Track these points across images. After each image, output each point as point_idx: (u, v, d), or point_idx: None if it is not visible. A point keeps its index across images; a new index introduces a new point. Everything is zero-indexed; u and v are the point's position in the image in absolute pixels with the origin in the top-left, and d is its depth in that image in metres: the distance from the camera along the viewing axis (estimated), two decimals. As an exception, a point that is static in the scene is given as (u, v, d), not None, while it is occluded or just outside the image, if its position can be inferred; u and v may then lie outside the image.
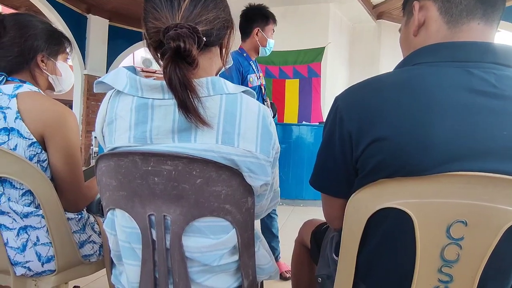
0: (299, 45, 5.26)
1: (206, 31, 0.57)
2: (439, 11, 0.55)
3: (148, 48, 0.61)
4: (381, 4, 5.53)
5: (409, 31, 0.61)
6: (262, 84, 1.80)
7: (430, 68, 0.52)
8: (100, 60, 6.66)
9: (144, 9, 0.60)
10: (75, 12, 6.17)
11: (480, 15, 0.53)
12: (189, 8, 0.56)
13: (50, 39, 0.89)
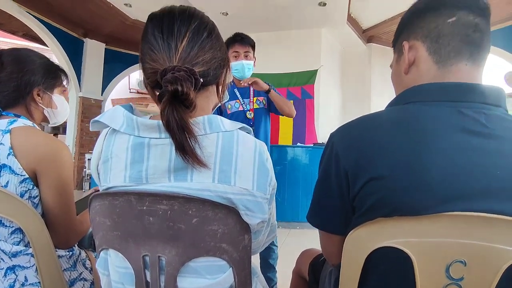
0: (292, 68, 5.39)
1: (203, 71, 0.58)
2: (428, 52, 0.57)
3: (146, 87, 0.62)
4: (370, 29, 5.74)
5: (400, 68, 0.62)
6: (251, 109, 1.82)
7: (423, 107, 0.53)
8: (96, 82, 6.71)
9: (141, 50, 0.61)
10: (72, 36, 6.27)
11: (467, 56, 0.55)
12: (186, 50, 0.57)
13: (47, 73, 0.89)
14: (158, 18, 0.60)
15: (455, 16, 0.55)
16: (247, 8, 4.81)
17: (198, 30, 0.59)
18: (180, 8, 0.62)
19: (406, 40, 0.61)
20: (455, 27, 0.55)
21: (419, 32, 0.58)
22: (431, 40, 0.57)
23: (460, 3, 0.55)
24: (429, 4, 0.59)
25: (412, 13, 0.62)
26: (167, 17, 0.59)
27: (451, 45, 0.55)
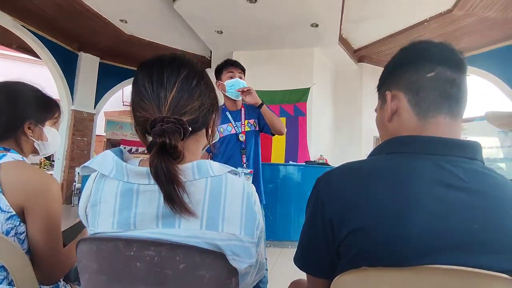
0: (285, 86, 5.48)
1: (192, 119, 0.59)
2: (409, 103, 0.60)
3: (136, 132, 0.63)
4: (361, 49, 5.90)
5: (384, 115, 0.65)
6: (243, 132, 1.86)
7: (403, 159, 0.55)
8: (89, 96, 6.70)
9: (132, 99, 0.62)
10: (66, 49, 6.28)
11: (446, 110, 0.57)
12: (175, 99, 0.58)
13: (39, 107, 0.90)
14: (148, 67, 0.61)
15: (434, 71, 0.58)
16: (242, 27, 4.92)
17: (187, 79, 0.61)
18: (169, 56, 0.63)
19: (389, 90, 0.63)
20: (434, 82, 0.58)
21: (401, 83, 0.61)
22: (412, 93, 0.59)
23: (438, 59, 0.58)
24: (410, 58, 0.62)
25: (394, 64, 0.66)
26: (156, 66, 0.61)
27: (430, 99, 0.58)
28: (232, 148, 1.84)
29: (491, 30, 4.85)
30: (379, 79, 0.70)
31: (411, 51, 0.63)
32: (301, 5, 4.21)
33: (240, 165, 1.82)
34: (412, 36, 5.20)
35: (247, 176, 1.81)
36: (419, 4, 4.38)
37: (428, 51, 0.60)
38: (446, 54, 0.59)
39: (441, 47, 0.60)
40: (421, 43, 0.63)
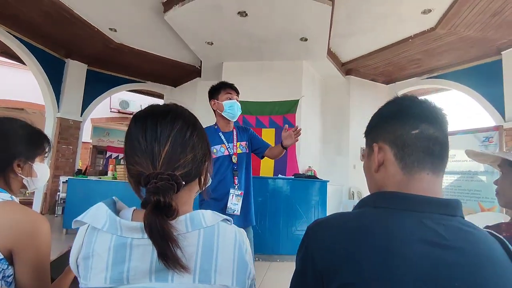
0: (274, 97, 5.54)
1: (186, 172, 0.60)
2: (395, 157, 0.63)
3: (129, 181, 0.64)
4: (349, 62, 6.04)
5: (371, 165, 0.67)
6: (235, 154, 1.88)
7: (389, 215, 0.57)
8: (75, 103, 6.59)
9: (125, 151, 0.63)
10: (53, 56, 6.19)
11: (429, 166, 0.60)
12: (169, 154, 0.59)
13: (29, 144, 0.89)
14: (141, 121, 0.63)
15: (418, 128, 0.61)
16: (232, 39, 4.97)
17: (180, 132, 0.62)
18: (163, 109, 0.65)
19: (376, 142, 0.66)
20: (418, 139, 0.61)
21: (387, 136, 0.64)
22: (398, 147, 0.62)
23: (422, 117, 0.62)
24: (396, 112, 0.65)
25: (381, 116, 0.69)
26: (150, 119, 0.62)
27: (414, 155, 0.61)
28: (225, 170, 1.86)
29: (471, 48, 5.07)
30: (366, 127, 0.73)
31: (397, 105, 0.67)
32: (291, 20, 4.29)
33: (232, 186, 1.84)
34: (398, 52, 5.38)
35: (238, 197, 1.82)
36: (404, 22, 4.54)
37: (412, 108, 0.64)
38: (430, 112, 0.62)
39: (425, 105, 0.64)
40: (406, 99, 0.66)
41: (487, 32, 4.54)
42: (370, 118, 0.75)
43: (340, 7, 4.14)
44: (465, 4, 3.93)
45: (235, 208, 1.82)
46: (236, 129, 2.01)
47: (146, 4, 4.46)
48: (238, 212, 1.84)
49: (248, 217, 1.92)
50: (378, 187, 0.65)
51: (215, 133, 1.95)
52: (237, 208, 1.83)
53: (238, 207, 1.83)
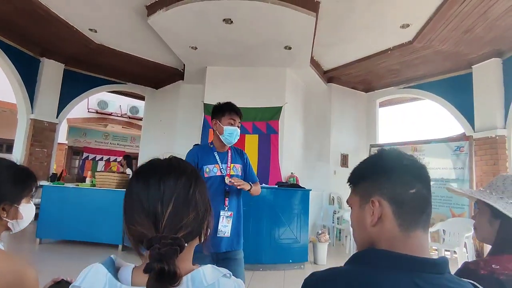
0: (258, 103, 5.57)
1: (187, 233, 0.60)
2: (393, 214, 0.64)
3: (128, 238, 0.63)
4: (330, 71, 6.19)
5: (365, 216, 0.68)
6: (228, 175, 1.89)
7: (383, 275, 0.59)
8: (51, 104, 6.32)
9: (125, 209, 0.61)
10: (27, 55, 5.90)
11: (422, 225, 0.64)
12: (172, 215, 0.58)
13: (15, 186, 0.85)
14: (144, 179, 0.61)
15: (415, 188, 0.64)
16: (217, 45, 4.96)
17: (184, 189, 0.62)
18: (166, 166, 0.64)
19: (372, 195, 0.67)
20: (415, 198, 0.63)
21: (385, 192, 0.65)
22: (396, 204, 0.64)
23: (418, 177, 0.65)
24: (393, 169, 0.66)
25: (375, 169, 0.69)
26: (153, 178, 0.61)
27: (412, 214, 0.63)
28: (216, 190, 1.85)
29: (445, 61, 5.34)
30: (354, 175, 0.74)
31: (393, 162, 0.67)
32: (276, 29, 4.35)
33: (222, 208, 1.84)
34: (377, 62, 5.58)
35: (228, 219, 1.83)
36: (384, 35, 4.71)
37: (409, 166, 0.66)
38: (422, 172, 0.66)
39: (417, 164, 0.67)
40: (400, 157, 0.68)
41: (460, 47, 4.81)
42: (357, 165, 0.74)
43: (323, 18, 4.24)
44: (440, 21, 4.14)
45: (225, 230, 1.82)
46: (231, 150, 2.00)
47: (129, 6, 4.37)
48: (228, 234, 1.83)
49: (239, 239, 1.91)
50: (371, 240, 0.67)
51: (210, 152, 1.94)
52: (227, 230, 1.83)
53: (228, 229, 1.83)
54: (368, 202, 0.67)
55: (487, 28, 4.23)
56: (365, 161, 0.73)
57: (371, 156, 0.72)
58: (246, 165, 2.02)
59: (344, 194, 6.38)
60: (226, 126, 1.89)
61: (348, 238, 5.03)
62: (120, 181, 4.38)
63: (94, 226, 4.22)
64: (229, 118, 1.90)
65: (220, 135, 1.89)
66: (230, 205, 1.86)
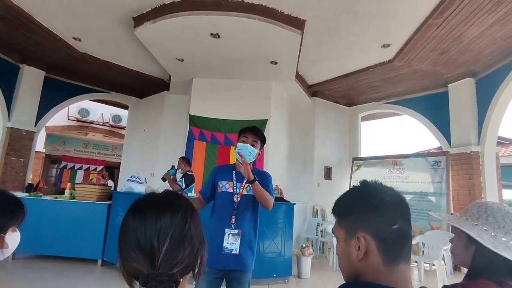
0: (244, 115, 5.61)
1: (182, 269, 0.60)
2: (378, 249, 0.66)
3: (122, 274, 0.63)
4: (315, 85, 6.34)
5: (351, 250, 0.70)
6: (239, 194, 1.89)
7: None
8: (30, 112, 6.11)
9: (120, 244, 0.62)
10: (5, 61, 5.72)
11: (404, 258, 0.66)
12: (168, 252, 0.58)
13: (3, 215, 0.83)
14: (140, 214, 0.62)
15: (397, 223, 0.66)
16: (203, 58, 4.99)
17: (179, 225, 0.62)
18: (162, 201, 0.65)
19: (357, 231, 0.69)
20: (397, 234, 0.66)
21: (369, 228, 0.67)
22: (380, 240, 0.66)
23: (399, 212, 0.68)
24: (376, 206, 0.68)
25: (359, 205, 0.71)
26: (150, 213, 0.62)
27: (395, 249, 0.66)
28: (225, 207, 1.86)
29: (423, 79, 5.60)
30: (339, 208, 0.76)
31: (376, 198, 0.69)
32: (263, 45, 4.43)
33: (228, 226, 1.83)
34: (359, 78, 5.77)
35: (235, 236, 1.82)
36: (366, 53, 4.90)
37: (391, 203, 0.69)
38: (403, 206, 0.69)
39: (398, 199, 0.70)
40: (383, 192, 0.70)
41: (436, 67, 5.07)
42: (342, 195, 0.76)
43: (308, 36, 4.37)
44: (418, 42, 4.36)
45: (232, 248, 1.80)
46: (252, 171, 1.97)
47: (115, 17, 4.34)
48: (237, 252, 1.81)
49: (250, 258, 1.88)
50: (356, 273, 0.69)
51: (229, 169, 1.97)
52: (235, 247, 1.81)
53: (235, 246, 1.81)
54: (353, 237, 0.69)
55: (461, 51, 4.49)
56: (349, 194, 0.75)
57: (355, 189, 0.74)
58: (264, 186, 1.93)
59: (327, 206, 6.46)
60: (238, 143, 1.94)
61: (332, 251, 5.08)
62: (101, 194, 4.26)
63: (72, 240, 4.06)
64: (242, 137, 1.96)
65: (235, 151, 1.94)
66: (238, 222, 1.85)
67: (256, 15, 3.84)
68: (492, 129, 4.87)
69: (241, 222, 1.87)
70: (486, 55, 4.61)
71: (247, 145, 1.92)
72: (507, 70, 4.53)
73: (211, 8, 3.80)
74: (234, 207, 1.87)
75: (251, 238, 1.91)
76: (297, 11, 3.91)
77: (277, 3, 3.78)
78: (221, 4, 3.77)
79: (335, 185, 6.72)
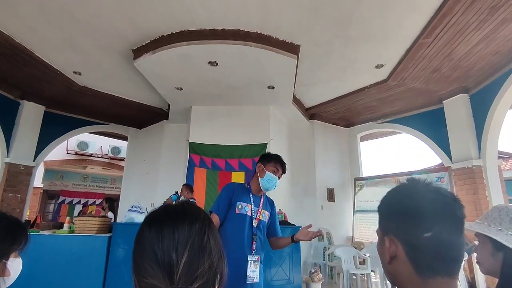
0: (243, 141, 5.63)
1: (203, 283, 0.56)
2: (407, 257, 0.59)
3: None
4: (312, 108, 6.44)
5: (383, 251, 0.65)
6: (257, 218, 1.86)
7: None
8: (28, 147, 6.09)
9: (135, 259, 0.58)
10: (5, 97, 5.79)
11: (443, 271, 0.57)
12: (187, 265, 0.55)
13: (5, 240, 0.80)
14: (157, 227, 0.59)
15: (431, 231, 0.57)
16: (201, 85, 5.09)
17: (198, 236, 0.59)
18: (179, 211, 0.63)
19: (387, 234, 0.64)
20: (430, 243, 0.57)
21: (399, 233, 0.62)
22: (409, 248, 0.60)
23: (437, 217, 0.58)
24: (409, 211, 0.61)
25: (393, 208, 0.66)
26: (167, 226, 0.59)
27: (427, 261, 0.58)
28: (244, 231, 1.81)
29: (418, 97, 5.71)
30: (380, 207, 0.70)
31: (412, 202, 0.63)
32: (259, 70, 4.54)
33: (249, 252, 1.78)
34: (355, 99, 5.88)
35: (255, 263, 1.76)
36: (360, 75, 5.03)
37: (427, 207, 0.60)
38: (446, 210, 0.59)
39: (442, 202, 0.60)
40: (421, 194, 0.62)
41: (430, 84, 5.18)
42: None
43: (303, 60, 4.50)
44: (410, 62, 4.49)
45: (254, 276, 1.74)
46: (264, 197, 2.02)
47: (115, 50, 4.47)
48: (257, 279, 1.75)
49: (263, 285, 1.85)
50: (391, 276, 0.65)
51: (246, 191, 1.95)
52: (256, 275, 1.75)
53: (256, 274, 1.76)
54: (385, 239, 0.65)
55: (452, 68, 4.62)
56: (391, 192, 0.69)
57: (398, 188, 0.68)
58: (274, 215, 2.03)
59: (333, 229, 6.30)
60: (269, 172, 1.94)
61: (341, 275, 4.88)
62: (101, 226, 4.13)
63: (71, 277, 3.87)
64: (274, 166, 1.98)
65: (261, 178, 1.93)
66: (256, 249, 1.80)
67: (252, 42, 3.97)
68: (491, 142, 4.89)
69: (258, 248, 1.83)
70: (476, 71, 4.74)
71: (276, 179, 1.95)
72: (499, 85, 4.64)
73: (208, 37, 3.93)
74: (253, 232, 1.83)
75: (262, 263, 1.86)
76: (291, 37, 4.05)
77: (272, 30, 3.92)
78: (217, 33, 3.91)
79: (339, 207, 6.60)
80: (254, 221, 1.85)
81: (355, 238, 6.27)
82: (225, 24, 3.83)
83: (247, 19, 3.71)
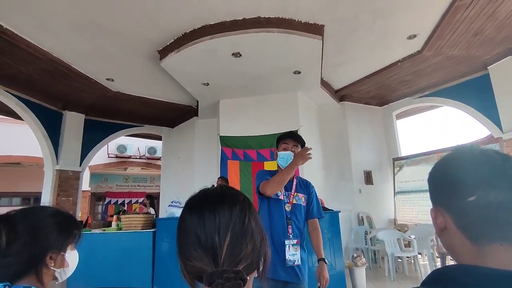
0: (273, 130, 5.56)
1: (248, 265, 0.56)
2: (457, 226, 0.56)
3: (184, 276, 0.59)
4: (341, 89, 6.21)
5: (436, 222, 0.61)
6: (290, 202, 1.82)
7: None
8: (74, 154, 6.55)
9: (180, 244, 0.59)
10: (50, 110, 6.24)
11: (498, 236, 0.52)
12: (230, 247, 0.55)
13: (61, 234, 0.85)
14: (197, 211, 0.59)
15: (474, 195, 0.53)
16: (227, 78, 5.09)
17: (239, 219, 0.58)
18: (218, 194, 0.62)
19: (435, 204, 0.61)
20: (476, 208, 0.53)
21: (445, 202, 0.59)
22: (456, 216, 0.56)
23: (480, 181, 0.54)
24: (450, 178, 0.58)
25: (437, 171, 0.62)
26: (207, 209, 0.58)
27: (477, 226, 0.53)
28: (278, 215, 1.79)
29: (458, 65, 5.26)
30: (428, 178, 0.65)
31: (456, 163, 0.59)
32: (284, 56, 4.44)
33: (286, 236, 1.76)
34: (388, 75, 5.56)
35: (295, 247, 1.75)
36: (391, 48, 4.73)
37: (467, 172, 0.55)
38: (490, 172, 0.54)
39: (487, 164, 0.55)
40: (467, 155, 0.58)
41: (472, 50, 4.75)
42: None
43: (329, 40, 4.31)
44: (447, 28, 4.13)
45: (295, 259, 1.72)
46: (296, 179, 1.95)
47: (142, 53, 4.61)
48: (299, 262, 1.73)
49: (304, 272, 1.79)
50: (448, 249, 0.60)
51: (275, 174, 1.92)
52: (297, 258, 1.73)
53: (297, 257, 1.73)
54: (431, 210, 0.62)
55: (497, 28, 4.18)
56: (439, 162, 0.64)
57: (441, 158, 0.63)
58: (311, 197, 1.94)
59: (373, 213, 6.10)
60: (280, 152, 1.90)
61: (386, 259, 4.72)
62: (145, 222, 4.36)
63: (122, 270, 4.16)
64: (283, 143, 1.92)
65: (277, 160, 1.89)
66: (293, 232, 1.78)
67: (274, 28, 3.88)
68: (548, 106, 4.40)
69: (295, 231, 1.79)
70: (526, 29, 4.25)
71: (289, 153, 1.86)
72: (555, 40, 4.13)
73: (230, 28, 3.90)
74: (287, 216, 1.80)
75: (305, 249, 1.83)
76: (314, 18, 3.89)
77: (293, 13, 3.80)
78: (238, 23, 3.86)
79: (378, 189, 6.36)
80: (287, 205, 1.82)
81: (398, 221, 6.02)
82: (245, 14, 3.77)
83: (267, 5, 3.63)
